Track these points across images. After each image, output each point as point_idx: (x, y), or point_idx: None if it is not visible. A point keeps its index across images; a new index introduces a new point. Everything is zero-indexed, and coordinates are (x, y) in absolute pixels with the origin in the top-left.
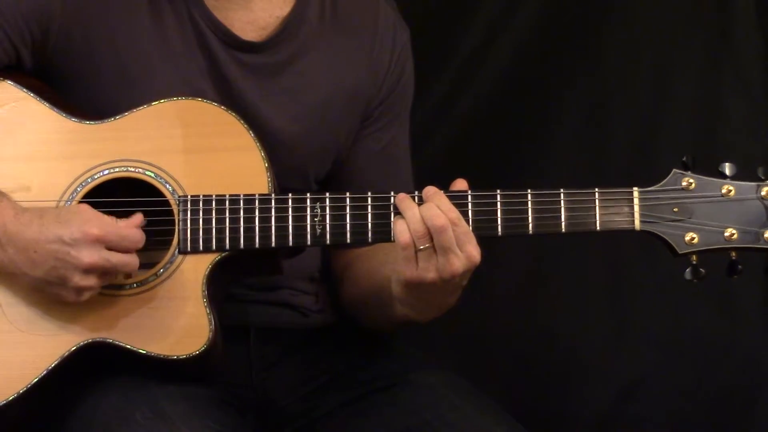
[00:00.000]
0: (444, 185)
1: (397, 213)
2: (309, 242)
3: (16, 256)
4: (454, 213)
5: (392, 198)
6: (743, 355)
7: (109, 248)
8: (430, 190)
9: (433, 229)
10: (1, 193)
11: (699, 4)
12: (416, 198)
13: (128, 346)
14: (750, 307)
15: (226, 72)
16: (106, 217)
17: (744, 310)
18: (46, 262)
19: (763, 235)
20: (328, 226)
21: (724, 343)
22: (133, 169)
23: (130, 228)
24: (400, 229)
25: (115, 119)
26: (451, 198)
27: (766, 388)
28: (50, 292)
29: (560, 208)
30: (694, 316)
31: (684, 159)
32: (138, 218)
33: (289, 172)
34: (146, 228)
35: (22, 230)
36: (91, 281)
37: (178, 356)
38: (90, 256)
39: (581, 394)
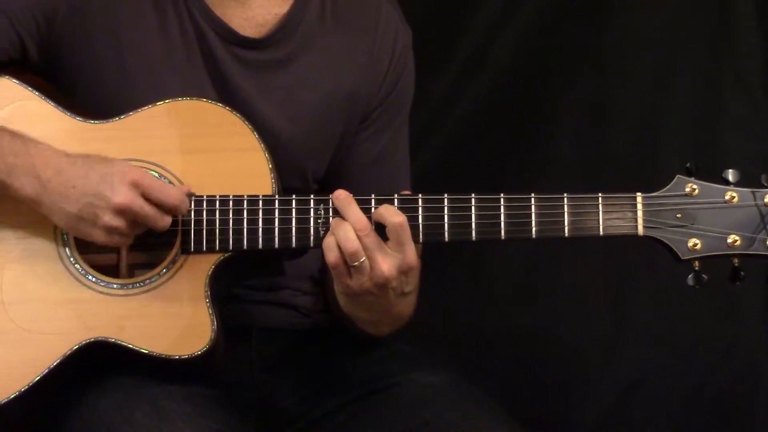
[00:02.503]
0: (444, 186)
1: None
2: (312, 244)
3: (56, 191)
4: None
5: (395, 200)
6: (743, 355)
7: (145, 197)
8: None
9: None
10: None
11: (699, 5)
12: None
13: (130, 346)
14: (750, 308)
15: (224, 68)
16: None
17: (744, 311)
18: (82, 199)
19: (766, 241)
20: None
21: (725, 344)
22: None
23: (173, 187)
24: (329, 247)
25: (119, 119)
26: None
27: (766, 387)
28: (82, 231)
29: (563, 212)
30: (695, 317)
31: (687, 165)
32: (184, 187)
33: (286, 170)
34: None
35: (67, 167)
36: (120, 222)
37: (180, 356)
38: (124, 196)
39: (581, 395)
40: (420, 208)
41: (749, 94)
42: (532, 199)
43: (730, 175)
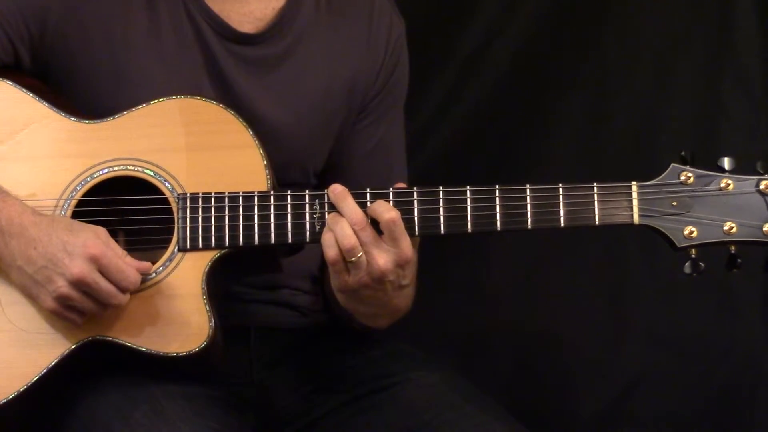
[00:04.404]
0: (444, 184)
1: (333, 210)
2: (308, 239)
3: (16, 249)
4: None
5: (390, 194)
6: (743, 354)
7: (102, 273)
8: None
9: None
10: (9, 194)
11: (699, 4)
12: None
13: (128, 344)
14: (750, 306)
15: (222, 66)
16: (116, 245)
17: (744, 309)
18: (40, 261)
19: (762, 228)
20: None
21: (724, 342)
22: (132, 168)
23: (131, 266)
24: (328, 243)
25: (114, 118)
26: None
27: (766, 387)
28: (32, 293)
29: (559, 203)
30: (694, 316)
31: (682, 153)
32: (145, 265)
33: (288, 165)
34: (146, 226)
35: (30, 227)
36: (72, 293)
37: (178, 353)
38: (80, 268)
39: (581, 394)
40: (415, 201)
41: (749, 93)
42: (528, 190)
43: (726, 162)
